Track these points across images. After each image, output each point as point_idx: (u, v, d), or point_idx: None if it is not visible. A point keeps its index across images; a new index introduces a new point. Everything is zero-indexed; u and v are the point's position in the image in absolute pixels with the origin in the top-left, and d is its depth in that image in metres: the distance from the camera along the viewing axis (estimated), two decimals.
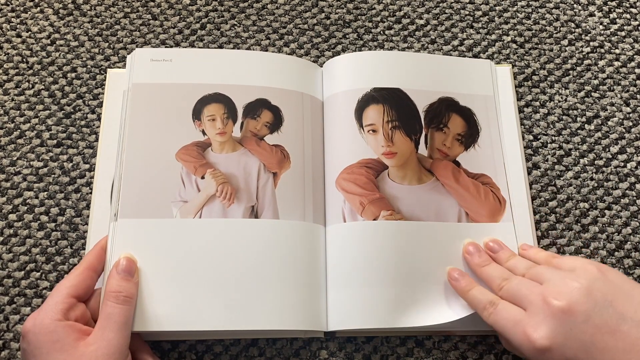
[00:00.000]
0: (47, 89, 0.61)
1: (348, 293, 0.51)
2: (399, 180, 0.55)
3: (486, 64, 0.61)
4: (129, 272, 0.48)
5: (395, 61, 0.59)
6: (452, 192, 0.55)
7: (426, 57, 0.61)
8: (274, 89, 0.56)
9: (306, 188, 0.54)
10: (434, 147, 0.56)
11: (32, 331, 0.44)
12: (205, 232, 0.51)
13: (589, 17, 0.66)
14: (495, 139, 0.57)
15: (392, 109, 0.56)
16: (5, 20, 0.64)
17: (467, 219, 0.54)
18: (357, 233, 0.52)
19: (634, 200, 0.58)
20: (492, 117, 0.58)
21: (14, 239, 0.55)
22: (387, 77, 0.58)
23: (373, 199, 0.53)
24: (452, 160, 0.56)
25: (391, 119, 0.56)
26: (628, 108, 0.61)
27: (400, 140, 0.56)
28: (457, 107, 0.58)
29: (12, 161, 0.58)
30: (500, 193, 0.55)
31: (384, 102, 0.56)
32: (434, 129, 0.57)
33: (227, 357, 0.52)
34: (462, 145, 0.57)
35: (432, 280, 0.51)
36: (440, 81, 0.59)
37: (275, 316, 0.49)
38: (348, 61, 0.59)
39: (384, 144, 0.55)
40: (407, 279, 0.51)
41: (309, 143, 0.56)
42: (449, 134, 0.57)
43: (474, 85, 0.59)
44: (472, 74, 0.60)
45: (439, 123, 0.57)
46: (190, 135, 0.54)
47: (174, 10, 0.65)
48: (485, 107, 0.58)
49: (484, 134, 0.57)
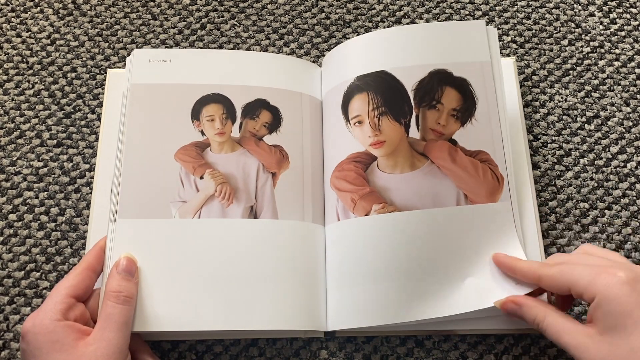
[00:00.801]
0: (47, 89, 0.61)
1: (348, 292, 0.51)
2: (390, 170, 0.53)
3: (480, 25, 0.55)
4: (130, 271, 0.48)
5: (378, 42, 0.56)
6: (448, 173, 0.52)
7: (411, 29, 0.57)
8: (273, 89, 0.56)
9: (305, 188, 0.54)
10: (427, 127, 0.53)
11: (32, 331, 0.44)
12: (204, 232, 0.51)
13: (589, 17, 0.65)
14: (492, 110, 0.53)
15: (377, 94, 0.54)
16: (5, 20, 0.64)
17: (466, 201, 0.51)
18: (351, 231, 0.52)
19: (634, 200, 0.58)
20: (489, 86, 0.54)
21: (14, 239, 0.55)
22: (371, 61, 0.55)
23: (363, 194, 0.52)
24: (448, 139, 0.53)
25: (377, 105, 0.54)
26: (628, 108, 0.61)
27: (388, 126, 0.53)
28: (451, 78, 0.54)
29: (12, 161, 0.58)
30: (499, 170, 0.52)
31: (368, 89, 0.54)
32: (426, 107, 0.53)
33: (227, 357, 0.52)
34: (458, 121, 0.53)
35: (432, 271, 0.49)
36: (429, 53, 0.54)
37: (275, 316, 0.49)
38: (337, 53, 0.58)
39: (370, 134, 0.53)
40: (406, 272, 0.50)
41: (307, 143, 0.56)
42: (443, 111, 0.53)
43: (467, 52, 0.54)
44: (464, 39, 0.55)
45: (431, 100, 0.53)
46: (189, 135, 0.54)
47: (174, 10, 0.65)
48: (482, 75, 0.54)
49: (481, 105, 0.53)
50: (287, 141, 0.55)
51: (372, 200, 0.52)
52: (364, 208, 0.52)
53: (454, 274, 0.50)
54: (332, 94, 0.57)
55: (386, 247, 0.50)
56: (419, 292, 0.49)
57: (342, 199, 0.53)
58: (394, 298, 0.49)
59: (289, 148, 0.55)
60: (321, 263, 0.52)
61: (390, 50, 0.55)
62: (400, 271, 0.50)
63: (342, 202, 0.53)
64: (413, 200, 0.51)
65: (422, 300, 0.49)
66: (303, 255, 0.52)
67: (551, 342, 0.52)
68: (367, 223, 0.51)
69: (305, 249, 0.52)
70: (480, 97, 0.54)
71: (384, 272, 0.50)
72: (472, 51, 0.55)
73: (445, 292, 0.49)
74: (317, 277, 0.52)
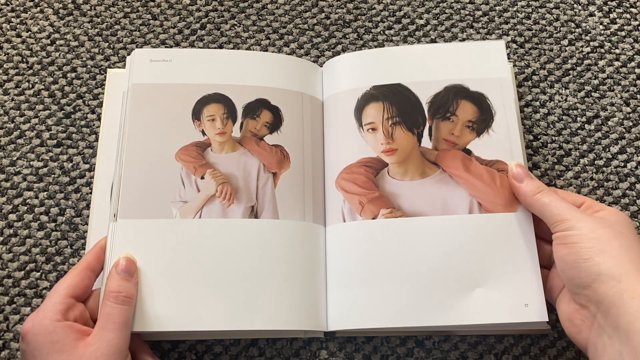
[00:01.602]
0: (47, 89, 0.61)
1: (348, 293, 0.51)
2: (400, 177, 0.54)
3: (500, 45, 0.57)
4: (129, 272, 0.48)
5: (396, 57, 0.58)
6: (461, 182, 0.53)
7: (430, 48, 0.59)
8: (274, 89, 0.56)
9: (306, 188, 0.54)
10: (440, 138, 0.54)
11: (31, 332, 0.44)
12: (205, 233, 0.51)
13: (589, 17, 0.65)
14: (512, 123, 0.54)
15: (392, 105, 0.55)
16: (5, 20, 0.64)
17: (480, 209, 0.51)
18: (357, 233, 0.52)
19: (634, 200, 0.58)
20: (508, 99, 0.55)
21: (14, 239, 0.55)
22: (388, 73, 0.57)
23: (372, 198, 0.53)
24: (463, 149, 0.54)
25: (391, 115, 0.55)
26: (628, 108, 0.61)
27: (401, 135, 0.55)
28: (467, 93, 0.55)
29: (12, 161, 0.58)
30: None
31: (384, 99, 0.56)
32: (440, 119, 0.55)
33: (227, 357, 0.52)
34: (473, 132, 0.54)
35: (439, 277, 0.50)
36: (446, 70, 0.56)
37: (275, 316, 0.49)
38: (348, 60, 0.58)
39: (383, 141, 0.54)
40: (411, 277, 0.50)
41: (308, 143, 0.56)
42: (458, 122, 0.54)
43: (485, 69, 0.56)
44: (483, 57, 0.57)
45: (446, 112, 0.55)
46: (189, 135, 0.54)
47: (174, 10, 0.65)
48: (501, 89, 0.55)
49: (499, 117, 0.54)
50: (287, 141, 0.55)
51: (381, 204, 0.52)
52: (372, 212, 0.52)
53: (463, 283, 0.50)
54: (342, 97, 0.57)
55: (392, 251, 0.51)
56: (423, 298, 0.49)
57: (350, 201, 0.53)
58: (396, 301, 0.50)
59: (289, 148, 0.55)
60: (322, 263, 0.52)
61: (408, 65, 0.57)
62: (404, 275, 0.50)
63: (349, 204, 0.53)
64: (421, 207, 0.52)
65: (426, 306, 0.49)
66: (303, 255, 0.52)
67: (551, 342, 0.52)
68: (373, 226, 0.52)
69: (306, 249, 0.52)
70: (498, 110, 0.55)
71: (388, 275, 0.50)
72: (491, 68, 0.56)
73: (452, 301, 0.49)
74: (318, 277, 0.52)
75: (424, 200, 0.52)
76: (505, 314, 0.48)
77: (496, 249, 0.50)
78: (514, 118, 0.54)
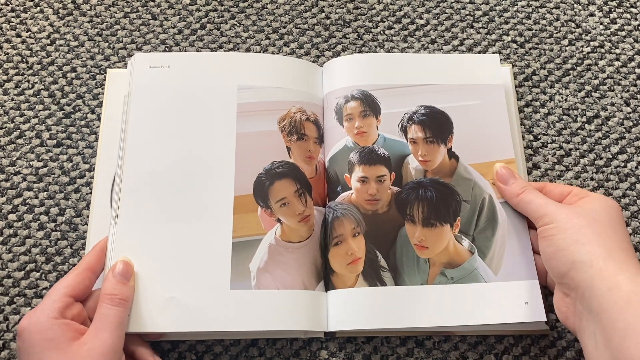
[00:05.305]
0: (47, 89, 0.61)
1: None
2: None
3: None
4: (125, 275, 0.48)
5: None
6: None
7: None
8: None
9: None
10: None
11: (28, 329, 0.44)
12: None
13: (589, 17, 0.65)
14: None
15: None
16: (5, 20, 0.64)
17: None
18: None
19: (634, 200, 0.58)
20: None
21: (14, 239, 0.55)
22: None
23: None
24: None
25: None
26: (628, 108, 0.61)
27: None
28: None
29: (12, 161, 0.58)
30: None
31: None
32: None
33: (227, 357, 0.52)
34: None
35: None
36: (445, 77, 0.57)
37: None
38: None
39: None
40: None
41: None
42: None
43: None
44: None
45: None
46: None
47: (174, 10, 0.65)
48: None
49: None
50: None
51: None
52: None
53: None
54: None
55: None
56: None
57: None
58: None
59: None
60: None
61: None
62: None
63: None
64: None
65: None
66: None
67: (551, 342, 0.52)
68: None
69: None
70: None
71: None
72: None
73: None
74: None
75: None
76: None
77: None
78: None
